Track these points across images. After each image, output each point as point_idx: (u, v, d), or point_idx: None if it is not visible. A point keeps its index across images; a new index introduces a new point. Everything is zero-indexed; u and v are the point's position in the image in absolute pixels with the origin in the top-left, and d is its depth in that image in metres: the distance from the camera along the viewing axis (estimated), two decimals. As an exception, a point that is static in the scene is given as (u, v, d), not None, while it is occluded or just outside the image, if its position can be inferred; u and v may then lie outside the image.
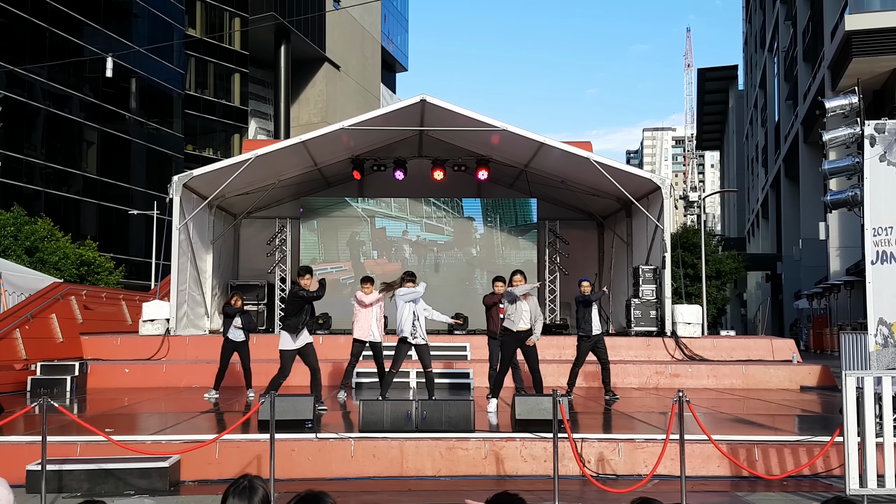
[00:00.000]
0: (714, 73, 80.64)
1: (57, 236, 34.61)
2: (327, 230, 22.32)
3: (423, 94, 18.30)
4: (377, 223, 22.40)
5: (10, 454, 7.98)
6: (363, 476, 8.17)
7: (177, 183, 18.02)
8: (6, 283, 17.67)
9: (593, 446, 8.37)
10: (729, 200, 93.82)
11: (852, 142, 9.89)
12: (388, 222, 22.47)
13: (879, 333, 9.31)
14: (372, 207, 22.45)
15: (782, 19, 50.56)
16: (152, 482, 7.48)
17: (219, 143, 61.86)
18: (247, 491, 2.93)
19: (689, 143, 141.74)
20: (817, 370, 15.30)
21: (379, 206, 22.51)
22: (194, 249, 19.18)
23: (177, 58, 55.12)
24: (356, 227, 22.39)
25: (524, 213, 22.64)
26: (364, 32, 76.68)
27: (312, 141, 18.98)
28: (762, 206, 61.16)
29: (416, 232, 22.51)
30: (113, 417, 10.38)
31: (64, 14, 45.03)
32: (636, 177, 18.95)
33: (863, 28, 28.87)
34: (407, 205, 22.53)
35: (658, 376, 15.11)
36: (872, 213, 9.49)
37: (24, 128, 42.47)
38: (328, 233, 22.33)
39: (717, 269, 43.05)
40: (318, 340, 16.51)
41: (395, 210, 22.53)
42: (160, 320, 17.42)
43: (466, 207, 22.70)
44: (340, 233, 22.40)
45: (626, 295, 20.03)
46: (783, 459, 8.26)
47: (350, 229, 22.38)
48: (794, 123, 44.54)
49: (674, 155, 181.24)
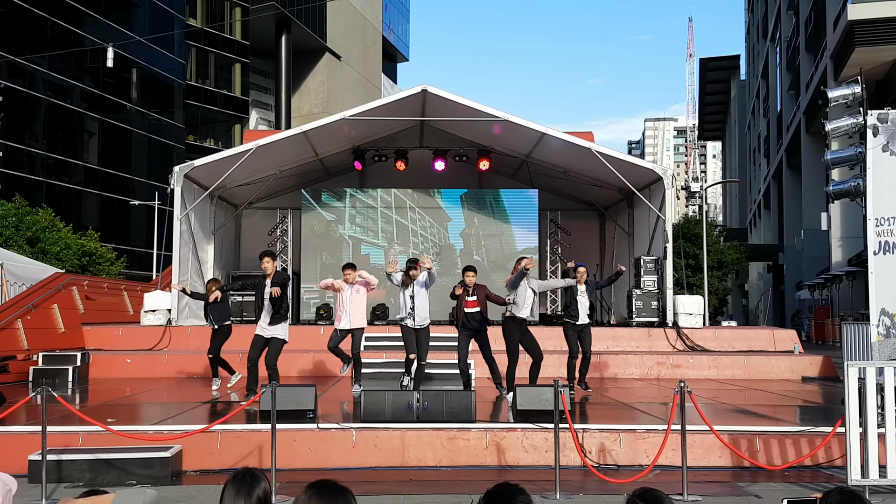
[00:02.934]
0: (716, 62, 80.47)
1: (58, 227, 34.61)
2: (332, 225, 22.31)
3: (424, 84, 18.25)
4: (378, 219, 22.39)
5: (12, 444, 7.99)
6: (364, 466, 8.18)
7: (178, 173, 18.00)
8: (8, 273, 17.68)
9: (594, 437, 8.37)
10: (731, 191, 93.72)
11: (855, 132, 9.87)
12: (387, 215, 22.45)
13: (881, 324, 9.30)
14: (370, 202, 22.43)
15: (784, 9, 50.38)
16: (154, 472, 7.50)
17: (220, 133, 61.79)
18: (247, 482, 2.91)
19: (690, 133, 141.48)
20: (819, 361, 15.30)
21: (375, 200, 22.49)
22: (195, 240, 19.18)
23: (177, 48, 55.00)
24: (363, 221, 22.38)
25: (526, 204, 22.61)
26: (365, 22, 76.47)
27: (313, 131, 18.94)
28: (764, 196, 61.09)
29: (415, 222, 22.48)
30: (114, 407, 10.39)
31: (65, 4, 44.92)
32: (638, 167, 18.91)
33: (866, 17, 28.78)
34: (403, 197, 22.50)
35: (659, 367, 15.11)
36: (875, 203, 9.46)
37: (25, 118, 42.42)
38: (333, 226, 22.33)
39: (719, 259, 43.04)
40: (318, 331, 16.60)
41: (394, 202, 22.50)
42: (162, 311, 17.43)
43: (467, 198, 22.67)
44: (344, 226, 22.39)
45: (627, 285, 20.02)
46: (785, 450, 8.26)
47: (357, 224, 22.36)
48: (797, 113, 44.44)
49: (675, 145, 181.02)
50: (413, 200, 22.53)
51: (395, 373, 13.92)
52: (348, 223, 22.41)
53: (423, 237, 22.52)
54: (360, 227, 22.43)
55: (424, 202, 22.53)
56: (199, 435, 7.95)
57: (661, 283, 18.12)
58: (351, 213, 22.41)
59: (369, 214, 22.41)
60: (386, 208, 22.50)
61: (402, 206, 22.51)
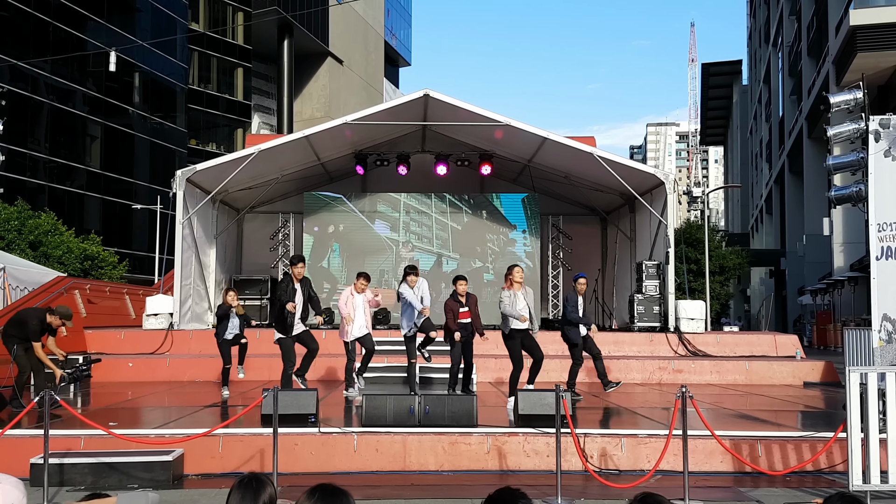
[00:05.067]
0: (718, 67, 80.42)
1: (61, 230, 34.64)
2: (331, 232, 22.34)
3: (426, 88, 18.26)
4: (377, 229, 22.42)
5: (14, 448, 8.00)
6: (366, 470, 8.18)
7: (180, 177, 18.02)
8: (10, 277, 17.69)
9: (596, 441, 8.37)
10: (733, 196, 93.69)
11: (857, 137, 9.87)
12: (384, 228, 22.47)
13: (883, 329, 9.29)
14: (371, 206, 22.46)
15: (787, 14, 50.41)
16: (156, 475, 7.50)
17: (222, 137, 61.87)
18: (253, 487, 2.92)
19: (692, 138, 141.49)
20: (821, 366, 15.28)
21: (378, 205, 22.51)
22: (198, 244, 19.19)
23: (180, 52, 55.10)
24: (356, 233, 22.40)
25: (527, 209, 22.63)
26: (367, 27, 76.60)
27: (315, 136, 18.96)
28: (766, 201, 61.07)
29: (417, 229, 22.51)
30: (116, 411, 10.40)
31: (67, 8, 45.03)
32: (639, 172, 18.91)
33: (868, 23, 28.80)
34: (401, 202, 22.53)
35: (661, 372, 15.09)
36: (877, 208, 9.46)
37: (27, 122, 42.50)
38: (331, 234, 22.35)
39: (721, 264, 43.00)
40: (319, 335, 16.58)
41: (393, 209, 22.52)
42: (163, 315, 17.44)
43: (471, 203, 22.68)
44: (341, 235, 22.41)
45: (629, 290, 20.00)
46: (786, 455, 8.25)
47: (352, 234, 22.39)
48: (799, 119, 44.44)
49: (677, 150, 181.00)
50: (414, 205, 22.54)
51: (397, 377, 13.94)
52: (351, 228, 22.43)
53: (425, 241, 22.52)
54: (360, 232, 22.45)
55: (425, 207, 22.55)
56: (200, 439, 7.95)
57: (663, 287, 18.10)
58: (353, 217, 22.42)
59: (370, 219, 22.42)
60: (388, 213, 22.51)
61: (403, 210, 22.53)
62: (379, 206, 22.53)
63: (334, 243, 22.43)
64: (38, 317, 10.55)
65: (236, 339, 12.10)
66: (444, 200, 22.59)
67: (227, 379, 12.22)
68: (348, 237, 22.41)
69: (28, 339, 10.45)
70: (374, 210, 22.51)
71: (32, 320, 10.49)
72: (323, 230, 22.40)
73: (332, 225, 22.41)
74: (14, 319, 10.75)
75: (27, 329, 10.44)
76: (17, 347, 10.43)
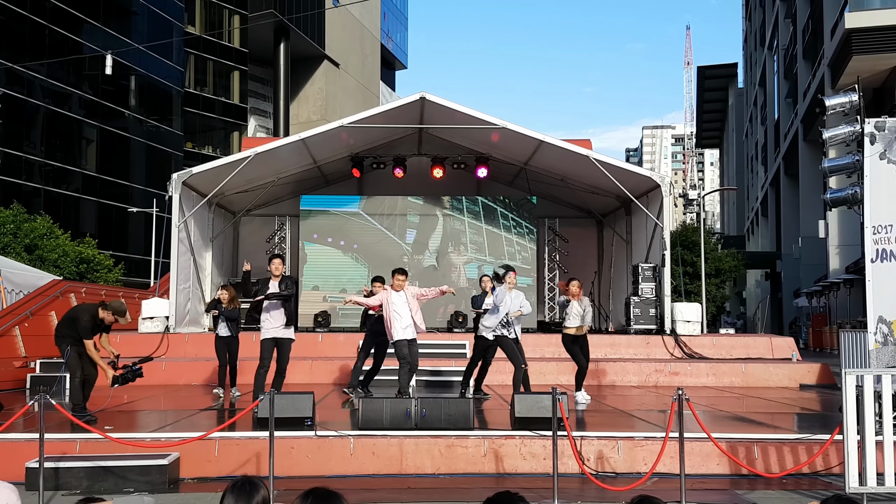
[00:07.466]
0: (714, 70, 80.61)
1: (56, 234, 34.59)
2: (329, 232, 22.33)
3: (422, 91, 18.28)
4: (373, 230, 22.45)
5: (9, 451, 7.98)
6: (362, 474, 8.17)
7: (176, 180, 18.00)
8: (6, 280, 17.65)
9: (593, 444, 8.37)
10: (728, 198, 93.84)
11: (852, 140, 9.88)
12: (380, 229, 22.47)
13: (879, 332, 9.30)
14: (367, 209, 22.45)
15: (782, 17, 50.51)
16: (151, 479, 7.48)
17: (218, 140, 61.83)
18: (246, 490, 2.92)
19: (688, 141, 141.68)
20: (817, 368, 15.30)
21: (375, 207, 22.51)
22: (194, 247, 19.17)
23: (176, 55, 55.07)
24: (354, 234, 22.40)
25: (524, 211, 22.64)
26: (363, 30, 76.62)
27: (312, 139, 18.97)
28: (762, 204, 61.15)
29: (413, 230, 22.52)
30: (112, 415, 10.37)
31: (63, 11, 44.98)
32: (636, 175, 18.94)
33: (863, 26, 28.83)
34: (397, 203, 22.54)
35: (657, 374, 15.09)
36: (872, 211, 9.47)
37: (23, 125, 42.44)
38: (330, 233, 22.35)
39: (717, 267, 43.02)
40: (316, 338, 16.59)
41: (390, 210, 22.52)
42: (159, 318, 17.41)
43: (466, 205, 22.68)
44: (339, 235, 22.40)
45: (625, 293, 20.02)
46: (783, 457, 8.25)
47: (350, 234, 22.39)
48: (794, 121, 44.52)
49: (673, 153, 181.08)
50: (410, 208, 22.54)
51: (394, 380, 13.90)
52: (345, 230, 22.43)
53: (420, 244, 22.52)
54: (357, 235, 22.45)
55: (421, 209, 22.55)
56: (196, 442, 7.94)
57: (659, 290, 18.12)
58: (349, 220, 22.42)
59: (366, 222, 22.41)
60: (384, 215, 22.51)
61: (399, 213, 22.53)
62: (374, 209, 22.53)
63: (335, 247, 22.41)
64: (90, 312, 9.85)
65: (229, 340, 12.56)
66: (440, 203, 22.59)
67: (222, 379, 12.32)
68: (349, 239, 22.39)
69: (80, 337, 9.77)
70: (369, 212, 22.51)
71: (84, 316, 9.76)
72: (322, 238, 22.39)
73: (332, 231, 22.39)
74: (66, 317, 10.06)
75: (79, 326, 9.73)
76: (70, 349, 9.75)
